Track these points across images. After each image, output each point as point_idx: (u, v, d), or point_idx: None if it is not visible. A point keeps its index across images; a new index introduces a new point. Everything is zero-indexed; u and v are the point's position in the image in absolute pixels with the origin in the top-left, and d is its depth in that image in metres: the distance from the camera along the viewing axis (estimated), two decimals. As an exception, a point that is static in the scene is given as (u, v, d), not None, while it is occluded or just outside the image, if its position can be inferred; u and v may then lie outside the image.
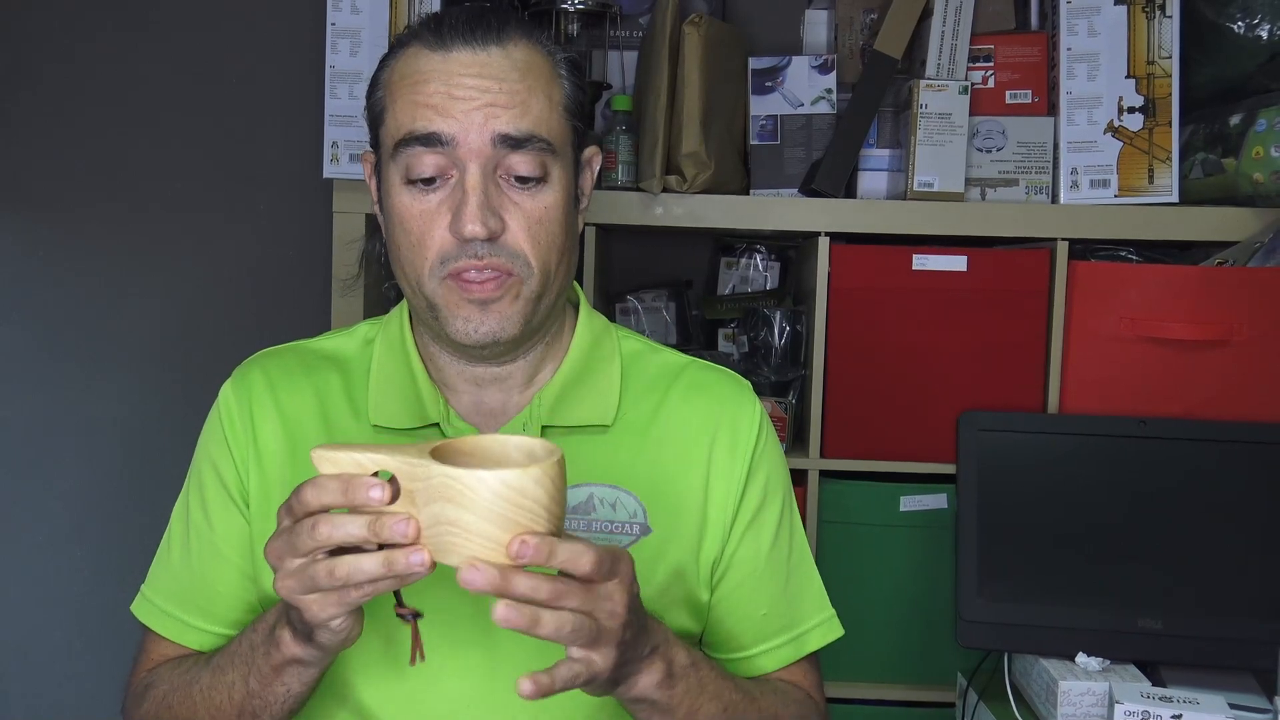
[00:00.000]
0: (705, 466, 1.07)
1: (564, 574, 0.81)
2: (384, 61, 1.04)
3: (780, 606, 1.10)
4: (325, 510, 0.81)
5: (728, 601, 1.08)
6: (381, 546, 0.80)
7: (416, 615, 0.89)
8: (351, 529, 0.79)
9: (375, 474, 0.81)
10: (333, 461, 0.82)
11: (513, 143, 0.97)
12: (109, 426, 2.22)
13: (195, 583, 1.08)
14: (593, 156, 1.08)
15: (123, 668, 1.16)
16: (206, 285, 2.20)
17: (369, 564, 0.79)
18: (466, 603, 1.01)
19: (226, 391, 1.10)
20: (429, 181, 0.98)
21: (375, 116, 1.03)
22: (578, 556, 0.80)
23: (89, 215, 2.20)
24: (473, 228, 0.95)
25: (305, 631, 0.86)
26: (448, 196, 0.98)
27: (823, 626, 1.13)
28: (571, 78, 1.03)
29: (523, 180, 0.98)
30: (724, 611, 1.09)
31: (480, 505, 0.77)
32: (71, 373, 2.22)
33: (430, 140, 0.97)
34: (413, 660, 0.90)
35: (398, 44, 1.03)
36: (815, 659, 1.14)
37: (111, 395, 2.21)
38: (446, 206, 0.98)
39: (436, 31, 0.99)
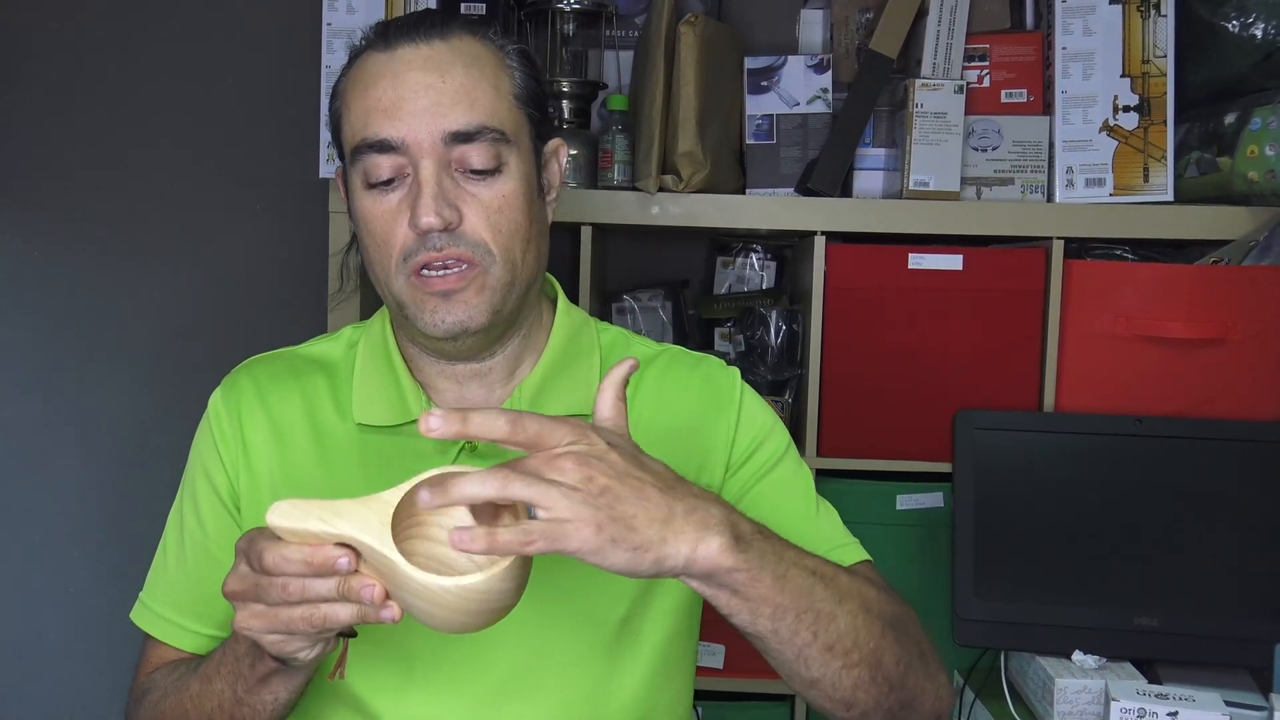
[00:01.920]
0: (688, 433, 1.08)
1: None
2: (342, 71, 1.06)
3: (815, 529, 1.08)
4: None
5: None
6: None
7: (350, 635, 0.89)
8: (322, 590, 0.80)
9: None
10: (292, 533, 0.80)
11: (463, 137, 0.98)
12: (106, 427, 2.21)
13: (193, 588, 1.09)
14: (557, 149, 1.09)
15: (120, 668, 1.17)
16: (202, 285, 2.20)
17: (345, 614, 0.81)
18: None
19: (216, 399, 1.12)
20: (387, 183, 1.00)
21: (336, 127, 1.05)
22: (489, 421, 0.77)
23: (85, 215, 2.20)
24: (428, 219, 0.97)
25: (277, 658, 0.87)
26: (405, 194, 0.99)
27: (853, 546, 1.10)
28: (523, 68, 1.05)
29: (477, 173, 0.99)
30: None
31: (443, 604, 0.78)
32: (68, 373, 2.22)
33: (382, 146, 0.98)
34: (332, 676, 0.92)
35: (354, 53, 1.05)
36: (874, 569, 1.09)
37: (109, 395, 2.21)
38: (405, 204, 0.99)
39: (384, 35, 1.02)
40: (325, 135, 1.80)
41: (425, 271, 0.99)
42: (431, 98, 0.98)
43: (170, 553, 1.12)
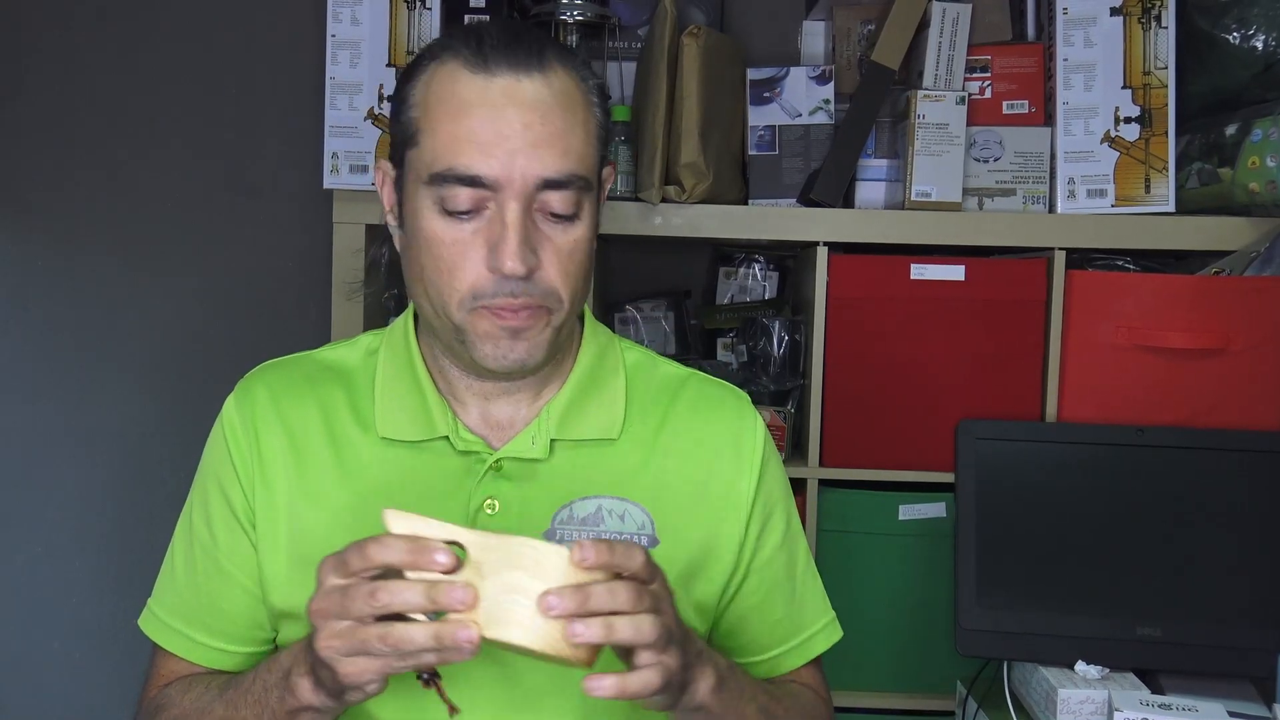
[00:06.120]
0: (711, 479, 1.08)
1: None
2: (414, 74, 1.00)
3: (792, 611, 1.13)
4: (384, 569, 0.81)
5: (746, 608, 1.10)
6: (435, 618, 0.81)
7: (435, 676, 0.88)
8: (410, 596, 0.79)
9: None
10: (405, 522, 0.82)
11: (554, 185, 0.96)
12: (110, 437, 2.22)
13: (201, 600, 1.07)
14: (608, 176, 1.07)
15: (124, 677, 1.16)
16: (207, 296, 2.20)
17: (420, 635, 0.79)
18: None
19: (230, 408, 1.09)
20: (465, 212, 0.96)
21: (406, 137, 1.00)
22: (631, 552, 0.83)
23: (89, 226, 2.20)
24: (513, 265, 0.94)
25: (335, 690, 0.85)
26: (484, 228, 0.96)
27: (827, 629, 1.16)
28: (601, 104, 1.02)
29: (556, 217, 0.97)
30: (742, 618, 1.11)
31: (553, 576, 0.80)
32: (72, 383, 2.22)
33: (472, 182, 0.95)
34: (452, 714, 0.90)
35: (429, 56, 1.00)
36: (819, 660, 1.17)
37: (112, 406, 2.21)
38: (482, 238, 0.96)
39: (478, 50, 0.96)
40: (329, 146, 1.81)
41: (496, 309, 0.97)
42: (529, 139, 0.94)
43: (179, 561, 1.10)
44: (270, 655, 0.95)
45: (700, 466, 1.08)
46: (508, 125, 0.95)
